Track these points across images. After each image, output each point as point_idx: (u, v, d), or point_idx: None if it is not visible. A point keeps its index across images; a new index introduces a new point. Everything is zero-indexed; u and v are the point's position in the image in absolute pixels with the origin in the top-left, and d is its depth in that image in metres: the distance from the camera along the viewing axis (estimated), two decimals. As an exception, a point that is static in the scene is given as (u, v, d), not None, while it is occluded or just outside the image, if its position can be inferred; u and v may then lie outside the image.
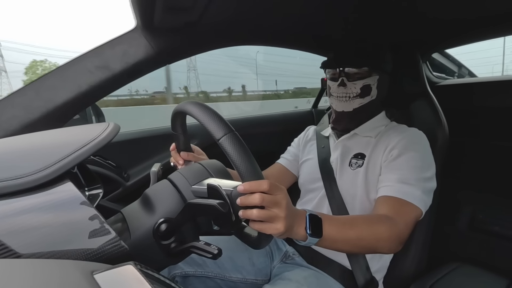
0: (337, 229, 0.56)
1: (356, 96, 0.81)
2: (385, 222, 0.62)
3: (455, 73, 1.67)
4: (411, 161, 0.72)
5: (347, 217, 0.63)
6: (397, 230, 0.62)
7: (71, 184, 0.41)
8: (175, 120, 0.60)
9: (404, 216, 0.65)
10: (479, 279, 0.83)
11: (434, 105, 0.93)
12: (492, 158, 1.09)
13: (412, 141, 0.76)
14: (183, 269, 0.76)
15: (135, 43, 0.77)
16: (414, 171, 0.70)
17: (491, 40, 1.05)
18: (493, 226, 1.07)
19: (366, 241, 0.59)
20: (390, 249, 0.63)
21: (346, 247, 0.59)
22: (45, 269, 0.30)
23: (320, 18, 0.86)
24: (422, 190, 0.69)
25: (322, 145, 0.93)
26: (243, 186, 0.44)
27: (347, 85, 0.81)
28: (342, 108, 0.84)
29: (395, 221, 0.63)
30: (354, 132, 0.85)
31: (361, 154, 0.81)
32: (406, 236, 0.65)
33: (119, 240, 0.41)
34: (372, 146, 0.81)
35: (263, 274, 0.83)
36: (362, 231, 0.59)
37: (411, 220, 0.66)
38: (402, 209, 0.66)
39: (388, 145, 0.77)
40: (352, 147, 0.85)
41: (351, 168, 0.81)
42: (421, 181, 0.70)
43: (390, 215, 0.64)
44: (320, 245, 0.54)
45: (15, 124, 0.68)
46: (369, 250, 0.63)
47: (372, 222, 0.62)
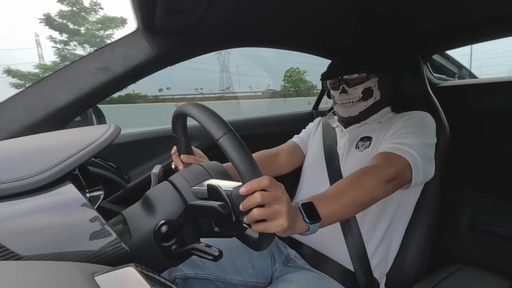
0: (330, 203, 0.57)
1: (359, 100, 0.84)
2: (369, 172, 0.64)
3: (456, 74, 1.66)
4: (409, 127, 0.75)
5: (334, 186, 0.64)
6: (382, 174, 0.64)
7: (72, 186, 0.41)
8: (175, 122, 0.60)
9: (389, 162, 0.67)
10: (481, 281, 0.83)
11: (435, 106, 0.93)
12: (493, 159, 1.09)
13: (416, 115, 0.80)
14: (184, 271, 0.76)
15: (136, 45, 0.77)
16: (410, 136, 0.73)
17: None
18: (495, 227, 1.06)
19: (360, 198, 0.61)
20: (383, 193, 0.64)
21: (346, 213, 0.60)
22: (45, 271, 0.30)
23: (321, 21, 0.87)
24: (414, 150, 0.70)
25: (328, 133, 0.96)
26: (245, 188, 0.43)
27: (348, 91, 0.84)
28: (348, 114, 0.88)
29: (379, 166, 0.66)
30: (364, 122, 0.89)
31: (368, 137, 0.85)
32: (393, 177, 0.66)
33: (120, 242, 0.41)
34: (380, 128, 0.84)
35: (263, 277, 0.82)
36: (353, 191, 0.60)
37: (398, 165, 0.68)
38: (388, 157, 0.69)
39: (396, 125, 0.80)
40: (360, 132, 0.88)
41: (359, 150, 0.84)
42: (416, 145, 0.72)
43: (375, 164, 0.67)
44: (324, 225, 0.55)
45: (16, 126, 0.68)
46: (367, 204, 0.64)
47: (357, 178, 0.63)
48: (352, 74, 0.84)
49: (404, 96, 0.99)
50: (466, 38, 1.03)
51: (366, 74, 0.83)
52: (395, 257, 0.83)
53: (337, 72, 0.88)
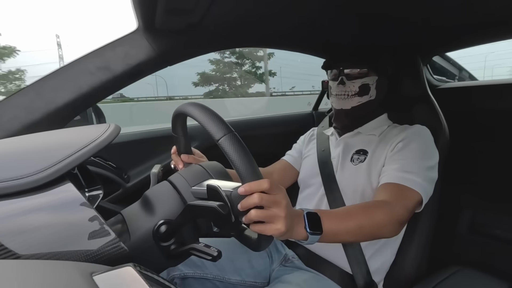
0: (336, 222, 0.56)
1: (355, 94, 0.84)
2: (383, 207, 0.62)
3: (456, 76, 1.67)
4: (413, 151, 0.74)
5: (344, 208, 0.63)
6: (395, 214, 0.62)
7: (71, 185, 0.41)
8: (175, 122, 0.60)
9: (403, 200, 0.66)
10: (480, 283, 0.83)
11: (435, 108, 0.93)
12: (493, 161, 1.09)
13: (416, 134, 0.79)
14: (182, 270, 0.76)
15: (137, 44, 0.77)
16: (416, 161, 0.72)
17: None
18: (494, 229, 1.06)
19: (367, 229, 0.59)
20: (392, 233, 0.63)
21: (348, 238, 0.59)
22: (44, 270, 0.30)
23: (322, 21, 0.87)
24: (422, 178, 0.70)
25: (321, 143, 0.95)
26: (243, 188, 0.43)
27: (346, 84, 0.84)
28: (341, 106, 0.86)
29: (393, 205, 0.64)
30: (357, 131, 0.87)
31: (363, 150, 0.83)
32: (405, 219, 0.65)
33: (118, 241, 0.41)
34: (376, 143, 0.82)
35: (262, 277, 0.82)
36: (361, 219, 0.59)
37: (410, 204, 0.67)
38: (401, 194, 0.67)
39: (393, 141, 0.79)
40: (354, 144, 0.86)
41: (353, 163, 0.83)
42: (422, 170, 0.71)
43: (388, 200, 0.65)
44: (323, 240, 0.54)
45: (16, 125, 0.68)
46: (371, 237, 0.64)
47: (370, 209, 0.62)
48: (353, 67, 0.83)
49: (404, 97, 0.99)
50: (466, 40, 1.04)
51: (366, 70, 0.83)
52: (394, 260, 0.83)
53: (339, 63, 0.86)
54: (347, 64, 0.84)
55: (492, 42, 1.02)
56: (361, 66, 0.83)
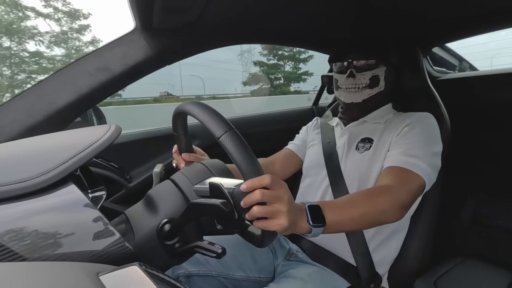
0: (338, 212, 0.56)
1: (366, 87, 0.83)
2: (386, 192, 0.62)
3: (456, 67, 1.66)
4: (418, 135, 0.74)
5: (346, 197, 0.63)
6: (399, 198, 0.62)
7: (74, 187, 0.42)
8: (176, 121, 0.60)
9: (406, 183, 0.66)
10: (483, 273, 0.83)
11: (436, 99, 0.93)
12: (495, 152, 1.09)
13: (421, 119, 0.79)
14: (187, 269, 0.76)
15: (135, 44, 0.77)
16: (420, 145, 0.72)
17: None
18: (497, 220, 1.06)
19: (370, 216, 0.59)
20: (395, 217, 0.63)
21: (352, 226, 0.59)
22: (50, 271, 0.30)
23: (320, 16, 0.86)
24: (427, 163, 0.69)
25: (326, 134, 0.95)
26: (245, 185, 0.43)
27: (356, 76, 0.82)
28: (352, 100, 0.85)
29: (396, 189, 0.63)
30: (363, 120, 0.87)
31: (369, 138, 0.83)
32: (409, 203, 0.65)
33: (123, 241, 0.41)
34: (381, 131, 0.82)
35: (266, 272, 0.83)
36: (364, 207, 0.59)
37: (414, 188, 0.66)
38: (404, 177, 0.67)
39: (399, 126, 0.79)
40: (360, 132, 0.86)
41: (358, 151, 0.83)
42: (427, 155, 0.71)
43: (391, 184, 0.65)
44: (327, 232, 0.54)
45: (17, 128, 0.68)
46: (376, 223, 0.63)
47: (372, 195, 0.62)
48: (363, 59, 0.82)
49: (404, 90, 0.98)
50: (466, 31, 1.03)
51: (375, 62, 0.82)
52: (398, 252, 0.83)
53: (348, 54, 0.84)
54: (356, 56, 0.83)
55: (491, 32, 1.01)
56: (370, 57, 0.82)
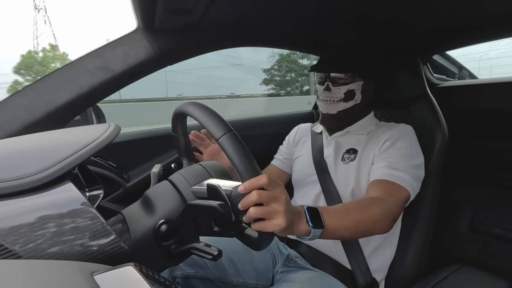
0: (335, 218, 0.57)
1: (340, 100, 0.85)
2: (377, 204, 0.65)
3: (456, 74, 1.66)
4: (400, 150, 0.78)
5: (341, 205, 0.65)
6: (389, 209, 0.65)
7: (71, 185, 0.41)
8: (175, 121, 0.60)
9: (394, 196, 0.69)
10: (480, 281, 0.83)
11: (434, 107, 0.93)
12: (493, 160, 1.09)
13: (401, 133, 0.82)
14: (184, 270, 0.76)
15: (136, 44, 0.77)
16: (403, 159, 0.75)
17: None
18: (494, 228, 1.06)
19: (363, 225, 0.61)
20: (385, 229, 0.66)
21: (346, 234, 0.61)
22: (45, 270, 0.30)
23: (321, 21, 0.87)
24: (410, 175, 0.73)
25: (315, 141, 0.97)
26: (243, 186, 0.43)
27: (332, 90, 0.85)
28: (327, 111, 0.88)
29: (386, 201, 0.66)
30: (347, 130, 0.90)
31: (353, 149, 0.86)
32: (397, 215, 0.69)
33: (119, 241, 0.41)
34: (364, 142, 0.85)
35: (264, 279, 0.82)
36: (359, 216, 0.61)
37: (401, 201, 0.70)
38: (391, 190, 0.71)
39: (381, 139, 0.82)
40: (345, 143, 0.89)
41: (344, 162, 0.86)
42: (410, 168, 0.74)
43: (381, 196, 0.68)
44: (323, 236, 0.55)
45: (16, 125, 0.68)
46: (367, 233, 0.66)
47: (366, 205, 0.64)
48: (338, 73, 0.84)
49: (403, 96, 0.99)
50: (466, 39, 1.03)
51: (351, 76, 0.84)
52: (395, 258, 0.83)
53: (325, 67, 0.88)
54: (333, 70, 0.85)
55: (492, 40, 1.02)
56: (346, 71, 0.84)
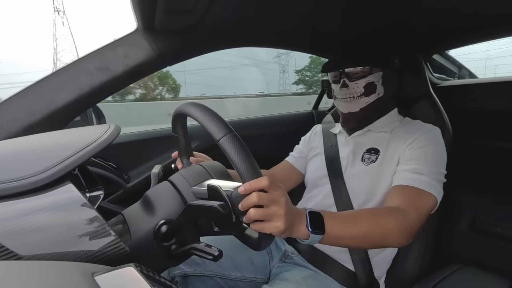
0: (340, 225, 0.54)
1: (361, 95, 0.79)
2: (394, 215, 0.59)
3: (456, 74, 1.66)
4: (430, 154, 0.71)
5: (351, 211, 0.61)
6: (407, 223, 0.59)
7: (72, 186, 0.41)
8: (175, 122, 0.60)
9: (418, 207, 0.63)
10: (481, 281, 0.83)
11: (437, 106, 0.93)
12: (493, 159, 1.09)
13: (432, 136, 0.75)
14: (183, 269, 0.76)
15: (136, 45, 0.77)
16: (431, 164, 0.69)
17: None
18: (495, 227, 1.06)
19: (373, 236, 0.57)
20: (400, 243, 0.60)
21: (352, 243, 0.57)
22: (45, 271, 0.30)
23: (322, 20, 0.87)
24: (437, 181, 0.68)
25: (329, 143, 0.92)
26: (243, 187, 0.43)
27: (349, 86, 0.79)
28: (348, 109, 0.82)
29: (406, 213, 0.60)
30: (368, 129, 0.84)
31: (375, 149, 0.79)
32: (417, 229, 0.62)
33: (119, 241, 0.41)
34: (388, 140, 0.79)
35: (262, 273, 0.83)
36: (368, 225, 0.56)
37: (425, 211, 0.64)
38: (416, 199, 0.64)
39: (407, 138, 0.75)
40: (365, 142, 0.83)
41: (364, 163, 0.79)
42: (437, 174, 0.69)
43: (402, 206, 0.62)
44: (325, 242, 0.53)
45: (16, 126, 0.68)
46: (378, 245, 0.61)
47: (379, 215, 0.59)
48: (354, 67, 0.78)
49: (405, 95, 0.99)
50: (466, 38, 1.03)
51: (369, 68, 0.77)
52: (396, 257, 0.83)
53: (338, 64, 0.82)
54: (346, 65, 0.80)
55: (492, 40, 1.01)
56: (362, 64, 0.78)
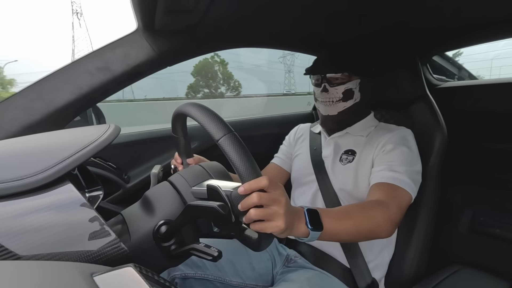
0: (335, 220, 0.56)
1: (339, 100, 0.85)
2: (379, 207, 0.64)
3: (456, 75, 1.66)
4: (402, 154, 0.76)
5: (342, 207, 0.64)
6: (391, 214, 0.64)
7: (71, 186, 0.41)
8: (175, 122, 0.60)
9: (396, 200, 0.68)
10: (480, 282, 0.83)
11: (433, 107, 0.93)
12: (492, 161, 1.09)
13: (403, 137, 0.81)
14: (183, 271, 0.76)
15: (136, 45, 0.77)
16: (404, 163, 0.74)
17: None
18: (494, 228, 1.06)
19: (364, 228, 0.60)
20: (387, 233, 0.64)
21: (346, 237, 0.60)
22: (44, 271, 0.30)
23: (321, 22, 0.87)
24: (411, 179, 0.72)
25: (313, 141, 0.96)
26: (243, 187, 0.43)
27: (329, 91, 0.85)
28: (327, 112, 0.88)
29: (388, 204, 0.65)
30: (346, 131, 0.89)
31: (352, 150, 0.85)
32: (399, 219, 0.67)
33: (119, 242, 0.41)
34: (363, 144, 0.84)
35: (263, 280, 0.82)
36: (360, 219, 0.60)
37: (403, 204, 0.69)
38: (393, 193, 0.69)
39: (380, 141, 0.81)
40: (343, 144, 0.88)
41: (342, 163, 0.85)
42: (410, 172, 0.73)
43: (382, 199, 0.67)
44: (322, 238, 0.54)
45: (16, 126, 0.68)
46: (368, 237, 0.65)
47: (367, 208, 0.63)
48: (334, 73, 0.84)
49: (402, 97, 0.99)
50: (466, 40, 1.04)
51: (348, 75, 0.83)
52: (395, 258, 0.83)
53: (320, 69, 0.87)
54: (327, 71, 0.85)
55: (490, 42, 1.02)
56: (341, 70, 0.83)
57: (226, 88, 20.37)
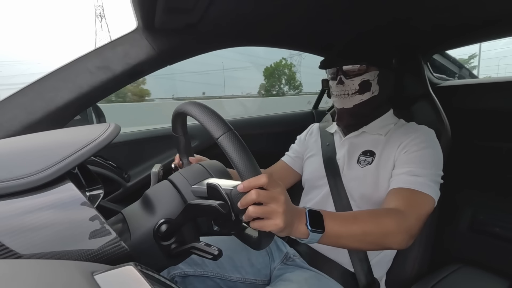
0: (340, 224, 0.54)
1: (355, 92, 0.80)
2: (393, 216, 0.59)
3: (456, 74, 1.66)
4: (426, 156, 0.71)
5: (351, 212, 0.61)
6: (407, 224, 0.59)
7: (71, 185, 0.41)
8: (175, 121, 0.60)
9: (416, 209, 0.63)
10: (480, 281, 0.83)
11: (436, 106, 0.93)
12: (493, 159, 1.09)
13: (427, 138, 0.75)
14: (183, 269, 0.76)
15: (136, 44, 0.77)
16: (428, 166, 0.69)
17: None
18: (494, 227, 1.06)
19: (373, 236, 0.57)
20: (400, 244, 0.59)
21: (352, 243, 0.57)
22: (45, 269, 0.30)
23: (321, 20, 0.87)
24: (434, 182, 0.68)
25: (326, 142, 0.92)
26: (242, 185, 0.43)
27: (345, 83, 0.80)
28: (342, 105, 0.83)
29: (405, 214, 0.60)
30: (362, 130, 0.84)
31: (370, 151, 0.80)
32: (417, 230, 0.62)
33: (119, 240, 0.41)
34: (383, 143, 0.79)
35: (262, 275, 0.83)
36: (368, 225, 0.56)
37: (423, 212, 0.64)
38: (414, 201, 0.64)
39: (401, 141, 0.75)
40: (360, 144, 0.83)
41: (360, 165, 0.80)
42: (433, 176, 0.69)
43: (400, 208, 0.62)
44: (324, 242, 0.53)
45: (16, 125, 0.68)
46: (377, 246, 0.60)
47: (378, 216, 0.59)
48: (350, 65, 0.79)
49: (405, 95, 0.99)
50: (467, 38, 1.03)
51: (365, 66, 0.78)
52: (396, 257, 0.83)
53: (335, 61, 0.83)
54: (343, 62, 0.81)
55: (492, 40, 1.01)
56: (358, 62, 0.79)
57: (289, 87, 24.19)
